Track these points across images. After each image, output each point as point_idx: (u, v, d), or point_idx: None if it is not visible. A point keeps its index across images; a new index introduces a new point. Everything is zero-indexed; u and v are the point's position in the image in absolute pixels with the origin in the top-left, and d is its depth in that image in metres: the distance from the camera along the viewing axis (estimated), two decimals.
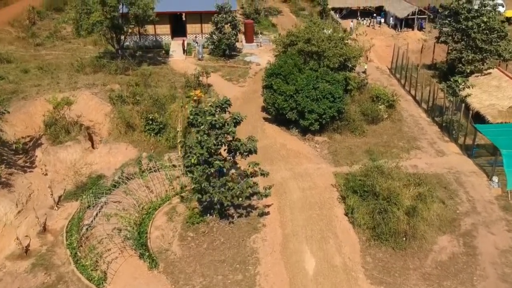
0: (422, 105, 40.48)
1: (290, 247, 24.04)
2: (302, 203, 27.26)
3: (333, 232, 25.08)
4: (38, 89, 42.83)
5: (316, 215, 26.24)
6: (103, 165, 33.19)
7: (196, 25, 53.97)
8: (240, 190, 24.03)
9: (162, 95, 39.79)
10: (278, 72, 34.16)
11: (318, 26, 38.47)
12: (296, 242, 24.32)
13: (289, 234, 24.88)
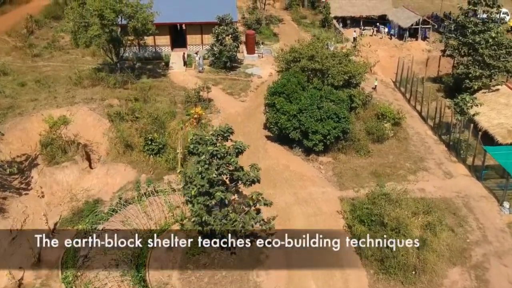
0: (428, 121, 39.49)
1: (295, 282, 23.05)
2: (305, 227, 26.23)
3: (339, 264, 24.09)
4: (34, 104, 41.90)
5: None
6: (101, 186, 32.25)
7: (196, 36, 52.99)
8: (242, 222, 23.04)
9: (162, 111, 38.84)
10: (281, 91, 33.19)
11: (322, 42, 37.44)
12: (301, 276, 23.33)
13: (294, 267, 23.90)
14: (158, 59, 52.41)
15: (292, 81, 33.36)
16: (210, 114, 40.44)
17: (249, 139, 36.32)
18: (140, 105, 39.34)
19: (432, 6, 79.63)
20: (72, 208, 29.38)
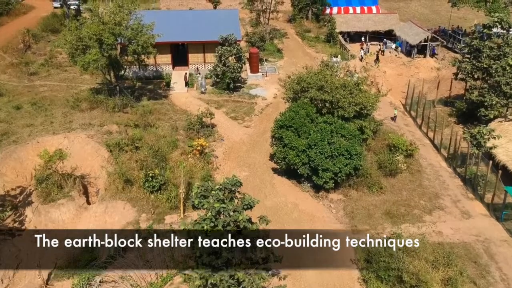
0: (441, 151, 37.76)
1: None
2: (318, 285, 24.54)
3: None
4: (30, 130, 40.25)
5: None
6: (98, 225, 30.52)
7: (198, 54, 51.26)
8: (251, 283, 21.26)
9: (163, 141, 37.11)
10: (289, 124, 31.45)
11: (331, 69, 35.71)
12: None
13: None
14: (159, 79, 50.66)
15: (301, 114, 31.65)
16: (213, 142, 38.70)
17: (255, 172, 34.72)
18: (140, 133, 37.60)
19: (438, 18, 77.94)
20: (68, 253, 27.57)
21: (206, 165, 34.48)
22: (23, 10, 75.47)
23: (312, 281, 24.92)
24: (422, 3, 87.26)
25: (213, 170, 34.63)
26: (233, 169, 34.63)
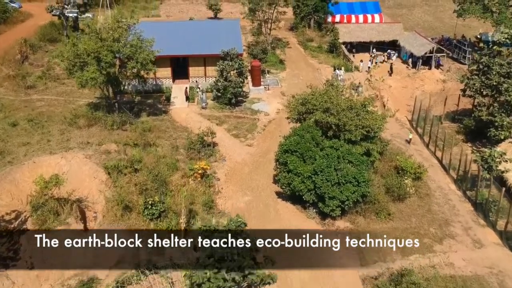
0: (450, 172, 36.62)
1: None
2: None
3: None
4: (26, 149, 39.13)
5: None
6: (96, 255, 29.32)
7: (199, 68, 50.08)
8: None
9: (163, 163, 35.97)
10: (294, 149, 30.29)
11: (337, 89, 34.55)
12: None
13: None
14: (159, 92, 49.49)
15: (306, 138, 30.52)
16: (214, 162, 37.55)
17: (258, 196, 33.58)
18: (139, 154, 36.47)
19: (442, 26, 76.86)
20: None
21: (207, 189, 33.34)
22: (21, 18, 74.15)
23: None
24: (425, 10, 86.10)
25: (215, 194, 33.52)
26: (236, 193, 33.56)
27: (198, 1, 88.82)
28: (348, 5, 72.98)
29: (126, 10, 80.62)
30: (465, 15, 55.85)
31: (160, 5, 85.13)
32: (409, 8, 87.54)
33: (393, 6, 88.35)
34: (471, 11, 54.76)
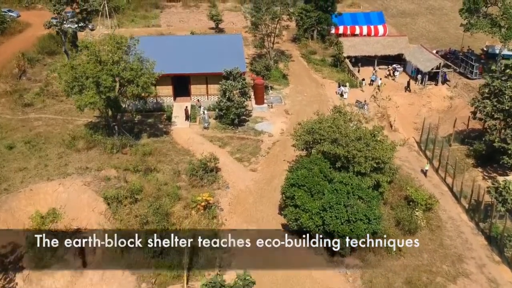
0: (461, 200, 35.42)
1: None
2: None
3: None
4: (23, 175, 37.94)
5: None
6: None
7: (201, 86, 48.84)
8: None
9: (165, 190, 34.80)
10: (302, 184, 29.06)
11: (344, 116, 33.31)
12: None
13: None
14: (160, 111, 48.22)
15: (314, 172, 29.31)
16: (218, 190, 36.35)
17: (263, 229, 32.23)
18: (140, 182, 35.24)
19: (447, 37, 75.60)
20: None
21: (211, 221, 32.12)
22: (19, 28, 72.90)
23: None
24: (429, 19, 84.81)
25: (219, 226, 32.26)
26: (240, 225, 32.29)
27: (199, 9, 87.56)
28: (351, 16, 71.80)
29: (126, 20, 79.57)
30: (473, 30, 54.49)
31: (160, 14, 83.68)
32: (413, 16, 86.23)
33: (397, 15, 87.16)
34: (479, 26, 53.47)
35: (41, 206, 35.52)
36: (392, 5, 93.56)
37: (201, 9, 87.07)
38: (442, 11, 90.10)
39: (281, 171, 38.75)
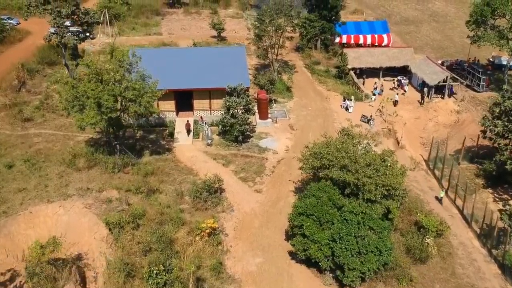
0: (472, 224, 34.51)
1: None
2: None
3: None
4: (23, 197, 37.07)
5: None
6: None
7: (204, 101, 47.91)
8: None
9: (167, 215, 33.87)
10: (311, 213, 28.14)
11: (353, 139, 32.39)
12: None
13: None
14: (162, 126, 47.28)
15: (323, 200, 28.38)
16: (222, 213, 35.45)
17: (270, 257, 31.39)
18: (142, 207, 34.34)
19: (452, 45, 74.68)
20: None
21: (215, 248, 31.18)
22: (19, 36, 71.79)
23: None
24: (434, 27, 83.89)
25: (224, 254, 31.35)
26: (246, 253, 31.45)
27: (201, 16, 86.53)
28: (355, 25, 70.82)
29: (126, 27, 78.50)
30: (480, 42, 53.57)
31: (161, 21, 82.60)
32: (417, 24, 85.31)
33: (400, 22, 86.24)
34: (486, 39, 52.55)
35: (41, 229, 34.77)
36: (395, 12, 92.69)
37: (203, 16, 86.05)
38: (446, 18, 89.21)
39: (287, 192, 37.99)
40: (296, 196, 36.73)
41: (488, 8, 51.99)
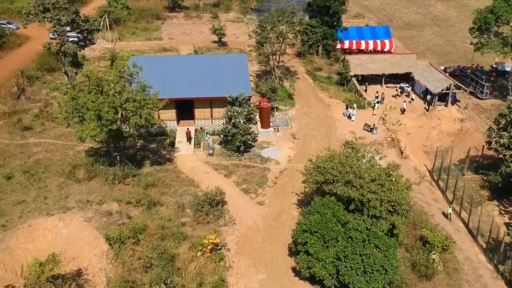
0: (478, 238, 33.98)
1: None
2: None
3: None
4: (22, 209, 36.60)
5: None
6: None
7: (205, 109, 47.37)
8: None
9: (169, 229, 33.35)
10: (315, 230, 27.62)
11: (357, 153, 31.88)
12: None
13: None
14: (163, 135, 46.76)
15: (328, 217, 27.86)
16: (224, 226, 34.92)
17: (273, 273, 30.85)
18: (143, 221, 33.80)
19: (455, 51, 74.18)
20: None
21: (217, 265, 30.66)
22: (18, 41, 71.29)
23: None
24: (435, 31, 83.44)
25: (226, 270, 30.82)
26: (248, 269, 30.91)
27: (201, 20, 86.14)
28: (357, 30, 70.41)
29: (127, 32, 78.00)
30: (484, 49, 53.06)
31: (161, 26, 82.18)
32: (418, 28, 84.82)
33: (402, 27, 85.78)
34: (490, 46, 52.04)
35: (40, 243, 34.32)
36: (397, 16, 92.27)
37: (203, 20, 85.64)
38: (448, 22, 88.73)
39: (290, 205, 37.47)
40: (299, 209, 36.32)
41: (492, 15, 51.46)
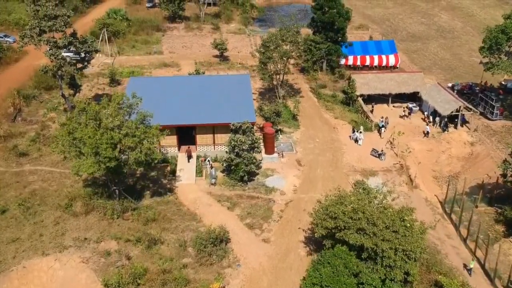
0: (495, 281, 32.34)
1: None
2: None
3: None
4: (16, 248, 35.13)
5: None
6: None
7: (207, 135, 45.71)
8: None
9: (170, 274, 31.74)
10: (326, 284, 25.99)
11: (369, 194, 30.25)
12: None
13: None
14: (163, 162, 45.03)
15: (340, 270, 26.20)
16: (228, 268, 33.30)
17: None
18: (143, 265, 32.19)
19: (461, 65, 72.53)
20: None
21: None
22: (15, 56, 69.49)
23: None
24: (441, 44, 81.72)
25: None
26: None
27: (202, 32, 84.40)
28: (362, 45, 68.84)
29: (126, 45, 76.33)
30: (494, 70, 51.48)
31: (162, 38, 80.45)
32: (424, 41, 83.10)
33: (407, 39, 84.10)
34: (501, 67, 50.43)
35: (35, 286, 32.83)
36: (401, 27, 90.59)
37: (204, 32, 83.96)
38: (453, 33, 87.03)
39: (297, 243, 35.88)
40: (306, 248, 34.76)
41: (503, 35, 49.85)
